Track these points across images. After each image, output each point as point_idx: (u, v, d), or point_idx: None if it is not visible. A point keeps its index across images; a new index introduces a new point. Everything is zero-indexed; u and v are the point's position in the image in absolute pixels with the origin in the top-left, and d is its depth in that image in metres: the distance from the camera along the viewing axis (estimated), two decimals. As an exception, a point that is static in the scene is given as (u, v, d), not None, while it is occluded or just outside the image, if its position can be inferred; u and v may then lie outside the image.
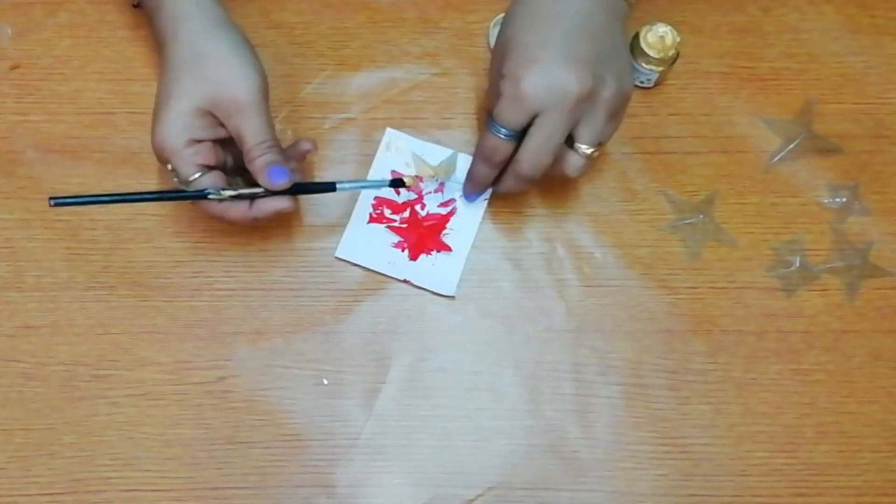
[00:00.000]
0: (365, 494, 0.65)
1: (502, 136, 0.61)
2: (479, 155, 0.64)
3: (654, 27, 0.69)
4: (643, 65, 0.70)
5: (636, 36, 0.70)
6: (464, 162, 0.70)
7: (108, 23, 0.73)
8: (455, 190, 0.70)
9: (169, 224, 0.69)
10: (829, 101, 0.73)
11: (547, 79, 0.58)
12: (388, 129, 0.71)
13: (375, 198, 0.70)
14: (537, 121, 0.59)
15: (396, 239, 0.69)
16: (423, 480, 0.66)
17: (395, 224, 0.69)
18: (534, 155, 0.60)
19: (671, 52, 0.69)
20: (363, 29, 0.74)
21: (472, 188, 0.67)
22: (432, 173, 0.70)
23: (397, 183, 0.66)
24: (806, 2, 0.75)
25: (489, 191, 0.69)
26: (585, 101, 0.59)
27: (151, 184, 0.70)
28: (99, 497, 0.65)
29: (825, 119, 0.72)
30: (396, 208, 0.70)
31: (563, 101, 0.58)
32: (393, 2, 0.75)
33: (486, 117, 0.62)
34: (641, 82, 0.72)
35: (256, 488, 0.65)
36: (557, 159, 0.61)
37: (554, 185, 0.71)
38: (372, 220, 0.69)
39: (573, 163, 0.62)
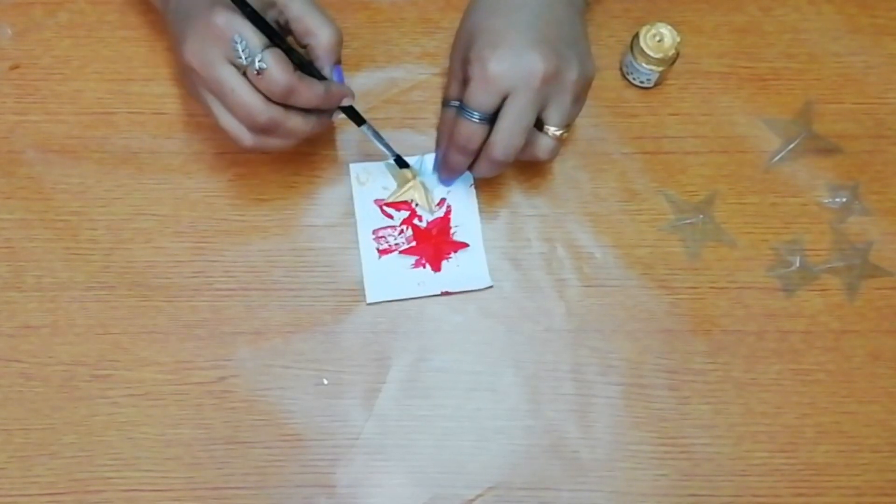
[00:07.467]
0: (365, 494, 0.65)
1: (476, 121, 0.62)
2: (454, 143, 0.64)
3: (654, 27, 0.69)
4: (643, 65, 0.70)
5: (636, 36, 0.70)
6: (429, 159, 0.70)
7: (108, 23, 0.73)
8: (434, 185, 0.70)
9: (169, 224, 0.69)
10: (829, 101, 0.73)
11: (514, 59, 0.60)
12: (351, 165, 0.70)
13: (372, 231, 0.69)
14: (507, 102, 0.61)
15: (413, 259, 0.69)
16: (423, 480, 0.66)
17: (405, 247, 0.69)
18: (506, 136, 0.61)
19: (671, 52, 0.69)
20: (363, 29, 0.74)
21: (447, 175, 0.68)
22: (413, 174, 0.69)
23: (401, 162, 0.68)
24: (806, 2, 0.75)
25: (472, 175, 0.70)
26: (551, 80, 0.60)
27: (152, 183, 0.70)
28: (99, 497, 0.65)
29: (825, 119, 0.72)
30: (397, 231, 0.70)
31: (530, 80, 0.60)
32: (393, 2, 0.75)
33: (442, 104, 0.63)
34: (641, 82, 0.72)
35: (256, 488, 0.65)
36: (529, 143, 0.63)
37: (554, 184, 0.71)
38: (381, 253, 0.69)
39: (545, 145, 0.63)
